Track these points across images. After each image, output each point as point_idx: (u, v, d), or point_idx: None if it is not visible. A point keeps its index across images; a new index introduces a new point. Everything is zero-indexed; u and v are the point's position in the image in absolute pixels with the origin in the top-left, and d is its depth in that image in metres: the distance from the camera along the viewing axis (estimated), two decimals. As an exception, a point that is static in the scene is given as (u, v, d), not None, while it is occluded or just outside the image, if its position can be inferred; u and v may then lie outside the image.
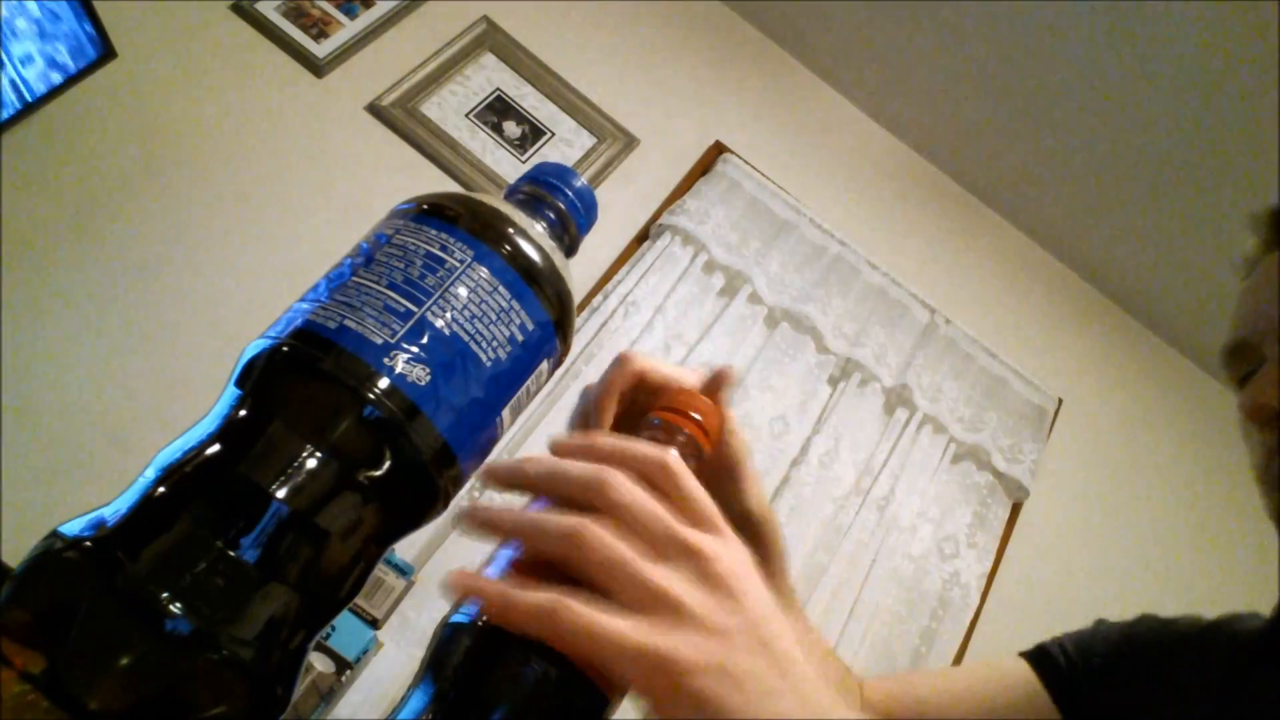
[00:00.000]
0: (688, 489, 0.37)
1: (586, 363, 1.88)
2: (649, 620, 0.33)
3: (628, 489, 0.35)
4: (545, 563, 0.36)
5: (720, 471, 0.49)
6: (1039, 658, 0.70)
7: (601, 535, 0.34)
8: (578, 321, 1.93)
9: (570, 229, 0.44)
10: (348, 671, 1.29)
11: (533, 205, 0.43)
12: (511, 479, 0.38)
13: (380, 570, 1.38)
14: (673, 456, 0.38)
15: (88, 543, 0.31)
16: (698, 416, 0.45)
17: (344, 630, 1.31)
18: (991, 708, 0.68)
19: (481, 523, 0.36)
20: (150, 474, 0.33)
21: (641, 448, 0.38)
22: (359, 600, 1.36)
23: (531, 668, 0.34)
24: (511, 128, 2.11)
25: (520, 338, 0.38)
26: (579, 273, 1.93)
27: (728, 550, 0.36)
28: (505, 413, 0.39)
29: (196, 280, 1.74)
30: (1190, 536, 2.29)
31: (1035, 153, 2.34)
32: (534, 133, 2.12)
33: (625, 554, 0.34)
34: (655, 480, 0.37)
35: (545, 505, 0.39)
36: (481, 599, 0.35)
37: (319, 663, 1.24)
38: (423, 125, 2.02)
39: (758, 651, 0.34)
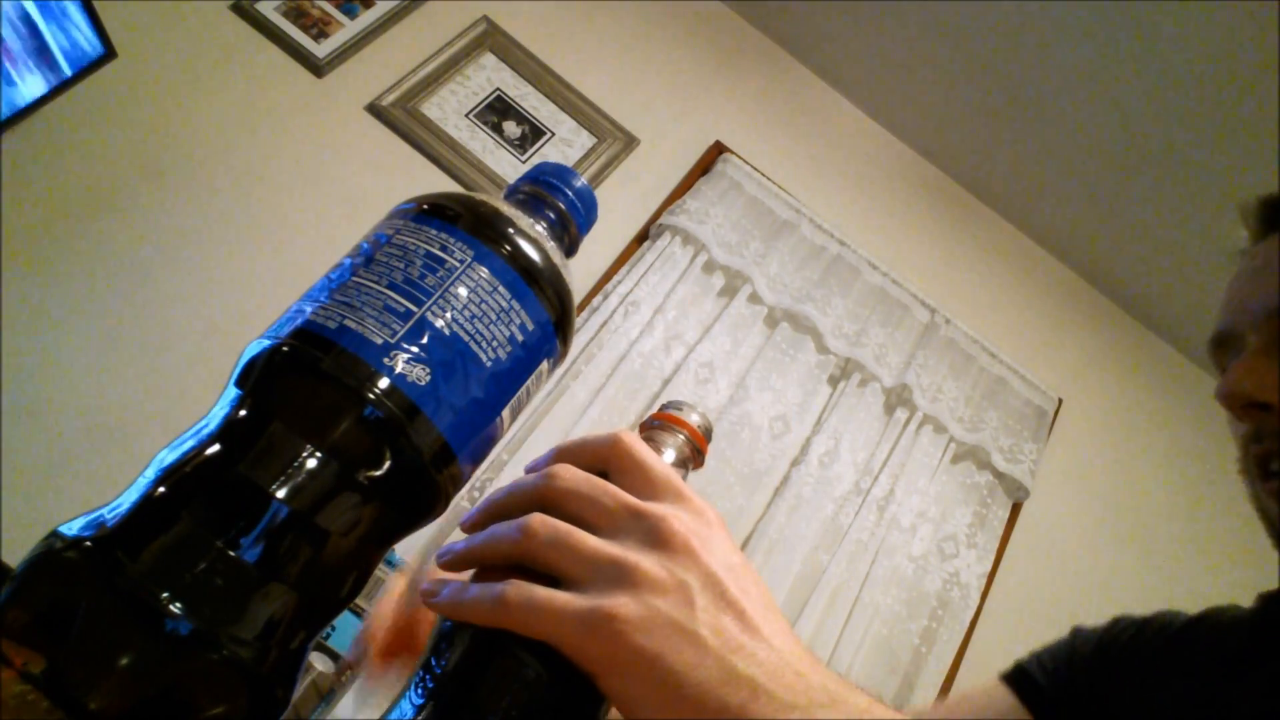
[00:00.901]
0: (642, 460, 0.37)
1: (586, 363, 1.88)
2: (595, 587, 0.33)
3: (569, 474, 0.36)
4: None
5: None
6: (1017, 678, 0.69)
7: (544, 520, 0.34)
8: (578, 321, 1.93)
9: (570, 229, 0.44)
10: (348, 672, 1.28)
11: (533, 205, 0.43)
12: (485, 512, 0.38)
13: (381, 570, 1.38)
14: (622, 434, 0.38)
15: (88, 543, 0.30)
16: (695, 418, 0.46)
17: (344, 630, 1.31)
18: None
19: (446, 565, 0.37)
20: (150, 474, 0.33)
21: (590, 437, 0.38)
22: (359, 600, 1.36)
23: (526, 668, 0.34)
24: (511, 128, 2.11)
25: (520, 338, 0.38)
26: (579, 273, 1.94)
27: (683, 511, 0.36)
28: (505, 412, 0.39)
29: (196, 280, 1.74)
30: (1190, 536, 2.29)
31: (1036, 153, 2.34)
32: (534, 133, 2.12)
33: (567, 531, 0.34)
34: (609, 462, 0.37)
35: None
36: (437, 604, 0.35)
37: (319, 663, 1.24)
38: (423, 125, 2.02)
39: (720, 607, 0.33)
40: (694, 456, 0.45)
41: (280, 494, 0.32)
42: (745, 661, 0.32)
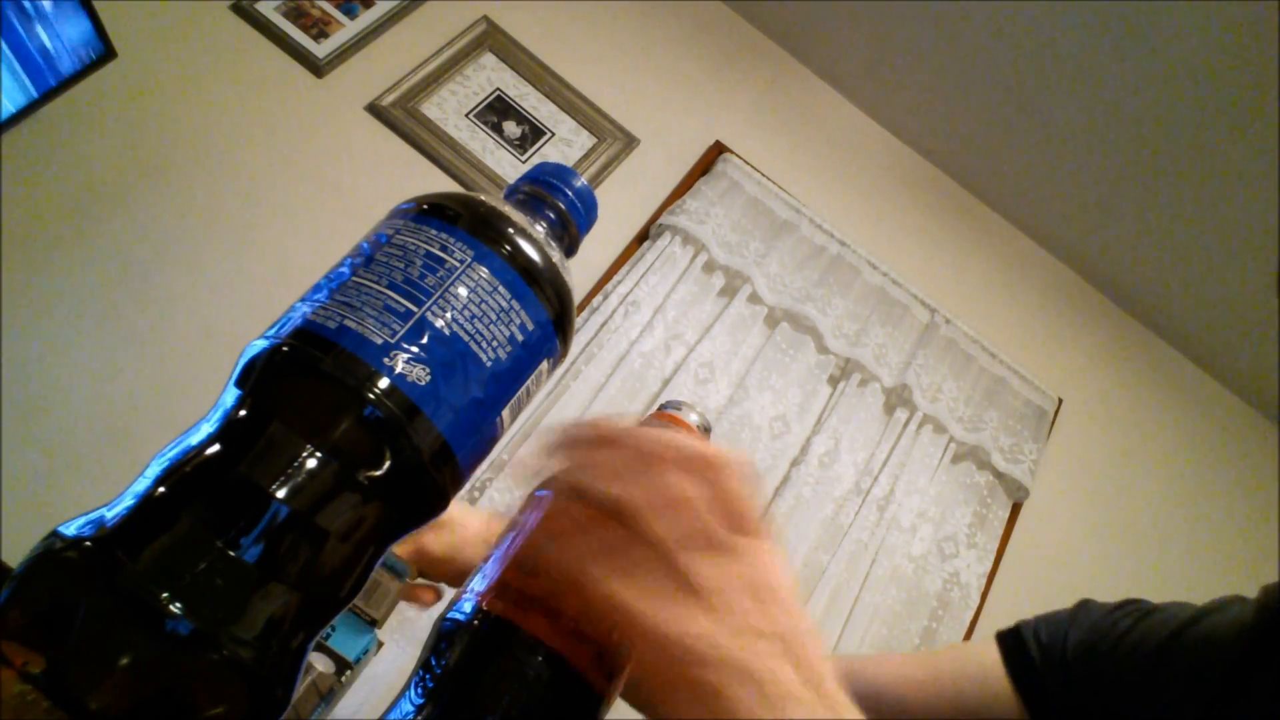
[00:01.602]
0: (734, 490, 0.37)
1: (586, 363, 1.88)
2: (677, 605, 0.33)
3: (677, 480, 0.36)
4: (536, 559, 0.36)
5: None
6: (1012, 646, 0.67)
7: (656, 512, 0.35)
8: (578, 321, 1.93)
9: (570, 229, 0.44)
10: (348, 672, 1.28)
11: (533, 205, 0.43)
12: (594, 435, 0.38)
13: (378, 573, 1.38)
14: (731, 460, 0.38)
15: (88, 543, 0.30)
16: (694, 418, 0.46)
17: (344, 630, 1.31)
18: (953, 701, 0.66)
19: (574, 439, 0.38)
20: (150, 474, 0.33)
21: (694, 445, 0.38)
22: (358, 601, 1.36)
23: (526, 668, 0.34)
24: (511, 128, 2.11)
25: (520, 337, 0.38)
26: (579, 273, 1.94)
27: (766, 556, 0.36)
28: (505, 412, 0.39)
29: (196, 280, 1.74)
30: (1190, 536, 2.29)
31: (1035, 153, 2.35)
32: (534, 133, 2.12)
33: (670, 537, 0.34)
34: (715, 484, 0.37)
35: (546, 500, 0.39)
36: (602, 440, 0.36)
37: (319, 663, 1.24)
38: (423, 125, 2.02)
39: (785, 658, 0.34)
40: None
41: (280, 494, 0.32)
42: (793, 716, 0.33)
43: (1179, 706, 0.57)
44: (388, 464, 0.34)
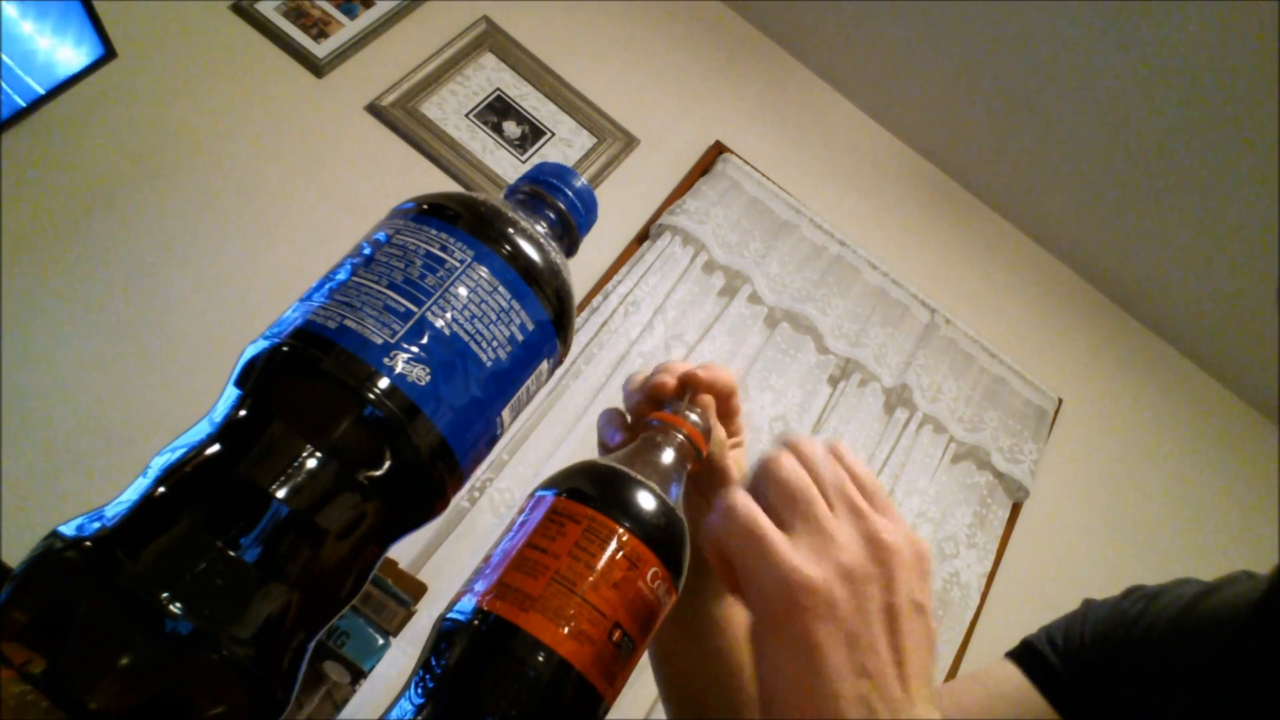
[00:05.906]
0: (861, 470, 0.40)
1: (586, 363, 1.88)
2: (807, 547, 0.36)
3: (812, 445, 0.40)
4: (538, 556, 0.36)
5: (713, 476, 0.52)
6: (1028, 659, 0.67)
7: (793, 463, 0.38)
8: (578, 321, 1.93)
9: (570, 229, 0.44)
10: (362, 680, 1.29)
11: (533, 205, 0.43)
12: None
13: (380, 596, 1.38)
14: (842, 444, 0.42)
15: (88, 543, 0.30)
16: (695, 418, 0.46)
17: (358, 639, 1.31)
18: None
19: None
20: (150, 474, 0.33)
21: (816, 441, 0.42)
22: (370, 613, 1.37)
23: (527, 668, 0.34)
24: (511, 128, 2.11)
25: (520, 337, 0.38)
26: (579, 273, 1.94)
27: (898, 531, 0.38)
28: (505, 412, 0.39)
29: (196, 280, 1.74)
30: (1190, 536, 2.29)
31: (1035, 153, 2.34)
32: (534, 133, 2.12)
33: (808, 486, 0.38)
34: (842, 459, 0.41)
35: (546, 500, 0.39)
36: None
37: (334, 673, 1.24)
38: (423, 125, 2.02)
39: (887, 634, 0.35)
40: (693, 456, 0.45)
41: (280, 494, 0.32)
42: (877, 696, 0.34)
43: (1196, 677, 0.57)
44: (388, 464, 0.34)
